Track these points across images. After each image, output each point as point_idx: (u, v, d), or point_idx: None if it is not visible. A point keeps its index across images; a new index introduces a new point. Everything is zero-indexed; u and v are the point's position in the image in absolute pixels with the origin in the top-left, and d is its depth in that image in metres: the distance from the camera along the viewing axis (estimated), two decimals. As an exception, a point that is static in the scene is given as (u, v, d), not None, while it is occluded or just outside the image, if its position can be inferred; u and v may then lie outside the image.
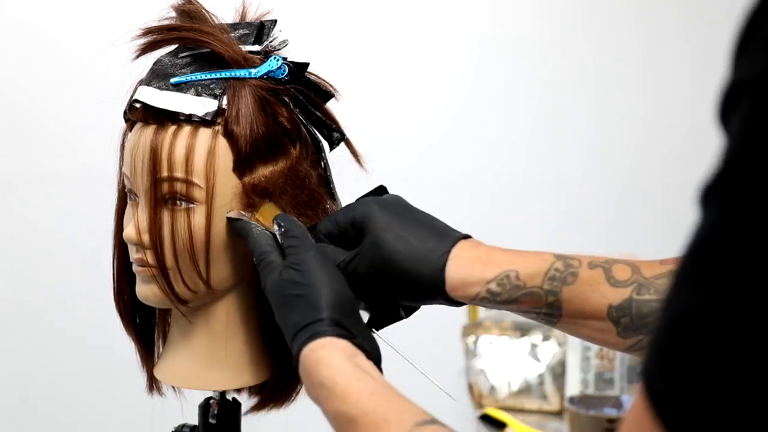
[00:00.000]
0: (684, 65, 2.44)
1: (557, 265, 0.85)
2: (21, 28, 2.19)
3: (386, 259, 0.86)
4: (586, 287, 0.83)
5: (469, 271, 0.85)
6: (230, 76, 0.92)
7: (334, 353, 0.79)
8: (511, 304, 0.85)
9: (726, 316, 0.42)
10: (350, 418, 0.74)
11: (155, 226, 0.91)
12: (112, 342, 1.16)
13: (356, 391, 0.75)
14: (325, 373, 0.77)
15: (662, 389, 0.44)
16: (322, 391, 0.77)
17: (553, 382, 1.84)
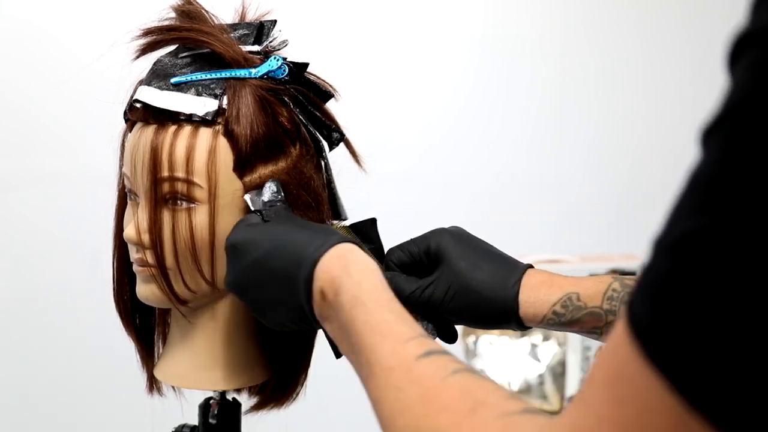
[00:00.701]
0: (684, 65, 2.44)
1: (614, 286, 0.92)
2: (21, 28, 2.19)
3: (464, 285, 0.93)
4: None
5: (537, 296, 0.92)
6: (230, 76, 0.92)
7: (369, 259, 0.82)
8: (574, 325, 0.92)
9: (730, 240, 0.43)
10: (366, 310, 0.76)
11: (155, 225, 0.91)
12: (112, 342, 1.16)
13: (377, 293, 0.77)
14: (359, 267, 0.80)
15: (646, 314, 0.45)
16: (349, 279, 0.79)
17: (553, 382, 1.84)
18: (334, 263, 0.81)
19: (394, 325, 0.74)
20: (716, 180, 0.44)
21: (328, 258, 0.82)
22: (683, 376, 0.44)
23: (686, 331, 0.44)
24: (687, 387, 0.44)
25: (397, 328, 0.73)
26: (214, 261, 0.92)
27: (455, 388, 0.65)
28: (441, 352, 0.70)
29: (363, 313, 0.76)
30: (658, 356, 0.45)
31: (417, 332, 0.73)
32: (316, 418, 1.70)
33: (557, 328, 0.93)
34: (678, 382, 0.44)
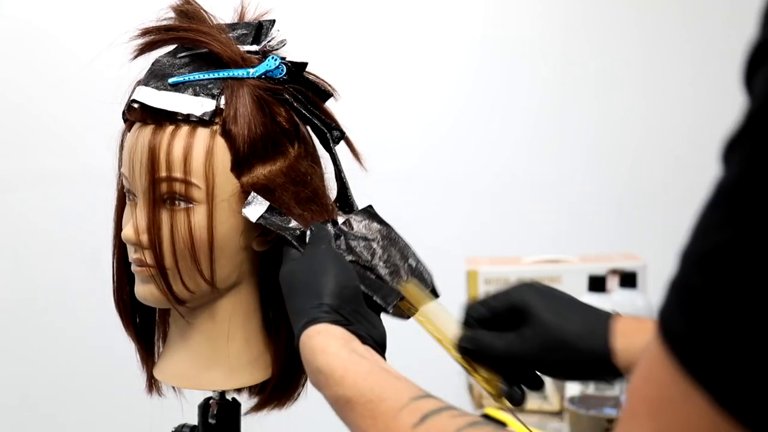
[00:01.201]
0: (685, 65, 2.44)
1: None
2: (21, 28, 2.19)
3: (557, 338, 0.88)
4: None
5: (631, 341, 0.87)
6: (228, 76, 0.92)
7: (330, 339, 0.81)
8: None
9: (756, 253, 0.42)
10: (347, 400, 0.75)
11: (153, 226, 0.91)
12: (112, 342, 1.16)
13: (352, 375, 0.76)
14: (321, 359, 0.79)
15: (683, 330, 0.44)
16: (321, 377, 0.79)
17: (553, 382, 1.84)
18: (306, 354, 0.81)
19: (379, 403, 0.72)
20: (738, 192, 0.44)
21: (304, 344, 0.82)
22: (727, 390, 0.43)
23: (727, 345, 0.43)
24: (735, 404, 0.43)
25: (383, 405, 0.72)
26: (212, 261, 0.92)
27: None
28: (437, 410, 0.68)
29: (347, 405, 0.75)
30: (701, 373, 0.43)
31: (405, 399, 0.71)
32: (316, 418, 1.69)
33: None
34: (721, 397, 0.43)
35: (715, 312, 0.43)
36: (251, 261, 0.96)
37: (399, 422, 0.69)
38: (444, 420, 0.67)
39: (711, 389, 0.43)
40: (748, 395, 0.42)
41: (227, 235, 0.92)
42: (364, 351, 0.81)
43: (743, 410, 0.42)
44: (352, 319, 0.83)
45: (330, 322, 0.82)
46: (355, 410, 0.74)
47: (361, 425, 0.72)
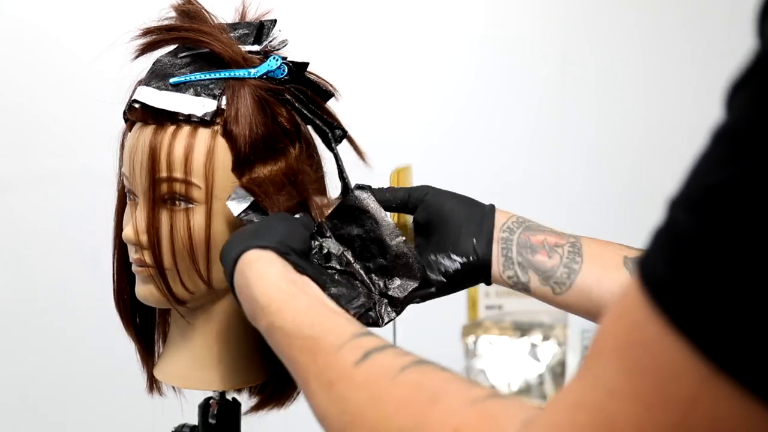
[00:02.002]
0: (685, 65, 2.44)
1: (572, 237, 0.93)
2: (21, 28, 2.19)
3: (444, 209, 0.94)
4: (603, 242, 0.92)
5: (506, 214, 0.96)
6: (229, 76, 0.92)
7: (268, 267, 0.79)
8: (539, 233, 0.91)
9: (761, 189, 0.40)
10: (285, 333, 0.73)
11: (153, 226, 0.91)
12: (112, 342, 1.16)
13: (292, 309, 0.74)
14: (258, 288, 0.77)
15: (665, 272, 0.42)
16: (257, 307, 0.77)
17: (553, 382, 1.84)
18: (241, 285, 0.80)
19: (320, 339, 0.70)
20: (746, 131, 0.41)
21: (237, 277, 0.81)
22: (708, 335, 0.41)
23: (714, 288, 0.41)
24: (713, 346, 0.41)
25: (324, 341, 0.69)
26: (211, 261, 0.92)
27: (407, 384, 0.61)
28: (380, 348, 0.66)
29: (285, 338, 0.73)
30: (680, 316, 0.41)
31: (347, 335, 0.69)
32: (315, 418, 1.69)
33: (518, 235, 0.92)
34: (702, 342, 0.41)
35: (705, 253, 0.41)
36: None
37: (340, 359, 0.67)
38: (388, 357, 0.65)
39: (691, 333, 0.41)
40: (734, 341, 0.40)
41: (227, 235, 0.92)
42: (303, 283, 0.79)
43: (725, 355, 0.41)
44: (295, 261, 0.81)
45: (269, 250, 0.81)
46: (293, 345, 0.71)
47: (299, 360, 0.70)
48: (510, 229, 0.93)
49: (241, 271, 0.80)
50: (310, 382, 0.68)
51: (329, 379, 0.66)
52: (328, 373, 0.67)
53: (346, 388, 0.65)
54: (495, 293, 2.04)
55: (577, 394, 0.46)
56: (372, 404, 0.62)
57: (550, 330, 1.87)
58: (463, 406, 0.56)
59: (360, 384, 0.64)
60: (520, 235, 0.92)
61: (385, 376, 0.63)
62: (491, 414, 0.54)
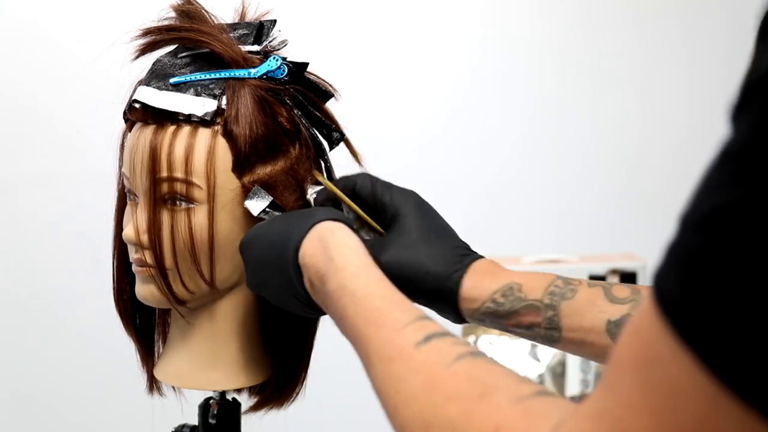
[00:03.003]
0: (684, 66, 2.44)
1: (558, 283, 0.88)
2: (23, 28, 2.19)
3: (413, 257, 0.90)
4: (585, 303, 0.86)
5: (480, 282, 0.89)
6: (229, 76, 0.92)
7: (349, 235, 0.81)
8: (512, 317, 0.88)
9: (764, 214, 0.41)
10: (354, 299, 0.74)
11: (154, 226, 0.91)
12: (112, 342, 1.16)
13: (365, 276, 0.76)
14: (339, 250, 0.79)
15: (676, 289, 0.43)
16: (331, 267, 0.78)
17: (553, 382, 1.84)
18: (315, 246, 0.80)
19: (387, 312, 0.71)
20: (749, 151, 0.42)
21: (308, 243, 0.81)
22: (717, 354, 0.41)
23: (720, 307, 0.41)
24: (720, 365, 0.41)
25: (391, 315, 0.71)
26: (212, 261, 0.92)
27: (461, 374, 0.62)
28: (441, 334, 0.68)
29: (352, 303, 0.74)
30: (689, 334, 0.42)
31: (413, 315, 0.70)
32: (316, 418, 1.69)
33: (493, 322, 0.89)
34: (711, 360, 0.42)
35: (713, 273, 0.42)
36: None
37: (403, 336, 0.68)
38: (447, 344, 0.66)
39: (700, 351, 0.42)
40: (740, 360, 0.41)
41: (228, 235, 0.92)
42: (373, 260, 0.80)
43: (732, 374, 0.41)
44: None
45: (346, 224, 0.82)
46: (359, 312, 0.72)
47: (362, 330, 0.71)
48: (480, 320, 0.90)
49: (320, 236, 0.81)
50: (371, 354, 0.70)
51: (389, 356, 0.68)
52: (389, 349, 0.68)
53: (404, 369, 0.66)
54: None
55: (600, 404, 0.48)
56: (425, 390, 0.63)
57: (550, 330, 1.88)
58: (508, 403, 0.57)
59: (417, 367, 0.65)
60: (491, 322, 0.90)
61: (441, 362, 0.64)
62: (532, 412, 0.56)
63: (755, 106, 0.43)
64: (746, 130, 0.43)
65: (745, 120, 0.43)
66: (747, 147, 0.42)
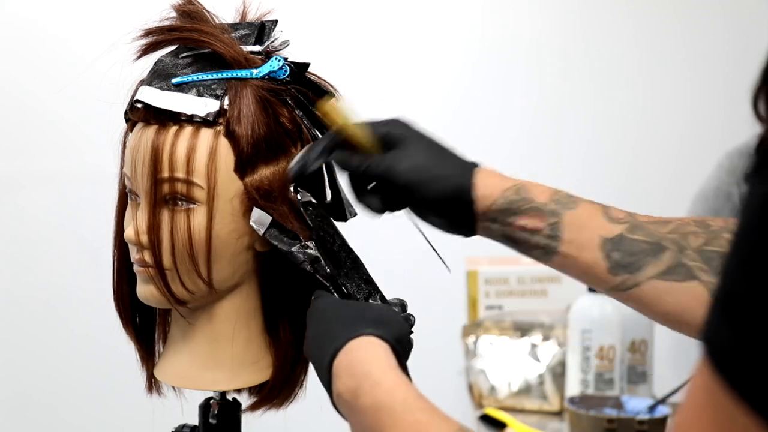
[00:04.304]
0: (684, 66, 2.44)
1: (561, 193, 0.92)
2: (25, 27, 2.19)
3: (423, 162, 0.92)
4: (585, 215, 0.90)
5: (491, 180, 0.92)
6: (232, 77, 0.92)
7: (381, 351, 0.80)
8: (521, 217, 0.90)
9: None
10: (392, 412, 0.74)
11: (155, 226, 0.91)
12: (112, 342, 1.16)
13: (403, 391, 0.76)
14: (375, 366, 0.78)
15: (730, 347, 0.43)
16: (368, 382, 0.77)
17: (553, 382, 1.84)
18: (351, 360, 0.79)
19: (427, 425, 0.71)
20: None
21: (343, 355, 0.80)
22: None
23: None
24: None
25: (432, 427, 0.71)
26: (211, 262, 0.92)
27: None
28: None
29: (389, 416, 0.73)
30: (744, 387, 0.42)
31: (454, 428, 0.71)
32: (316, 418, 1.69)
33: (499, 225, 0.91)
34: None
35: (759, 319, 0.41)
36: (253, 262, 0.95)
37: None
38: None
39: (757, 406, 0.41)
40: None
41: (229, 236, 0.92)
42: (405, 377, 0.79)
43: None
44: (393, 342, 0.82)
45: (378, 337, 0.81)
46: (397, 425, 0.72)
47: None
48: (491, 219, 0.92)
49: (360, 348, 0.80)
50: None
51: None
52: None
53: None
54: (495, 293, 2.04)
55: None
56: None
57: (550, 330, 1.87)
58: None
59: None
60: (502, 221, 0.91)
61: None
62: None
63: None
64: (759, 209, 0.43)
65: None
66: None
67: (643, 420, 1.58)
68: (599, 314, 1.76)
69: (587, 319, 1.77)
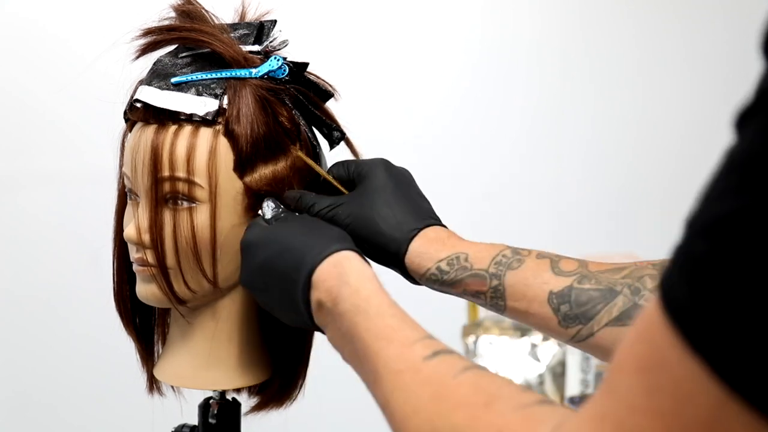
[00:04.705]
0: (684, 66, 2.44)
1: (506, 253, 0.90)
2: (23, 27, 2.19)
3: (367, 215, 0.92)
4: (529, 273, 0.88)
5: (427, 249, 0.91)
6: (231, 76, 0.92)
7: (365, 265, 0.83)
8: (457, 285, 0.90)
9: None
10: (367, 317, 0.76)
11: (156, 225, 0.91)
12: (112, 342, 1.16)
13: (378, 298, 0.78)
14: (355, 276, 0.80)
15: (683, 296, 0.44)
16: (347, 290, 0.80)
17: (553, 382, 1.84)
18: (331, 272, 0.82)
19: (398, 329, 0.74)
20: (755, 160, 0.43)
21: (324, 267, 0.82)
22: (724, 359, 0.42)
23: (727, 314, 0.42)
24: (727, 369, 0.42)
25: (401, 332, 0.74)
26: (215, 260, 0.92)
27: (467, 384, 0.66)
28: (448, 351, 0.71)
29: (365, 320, 0.76)
30: (697, 339, 0.43)
31: (422, 334, 0.73)
32: (316, 418, 1.70)
33: (438, 287, 0.91)
34: (718, 366, 0.42)
35: (719, 280, 0.43)
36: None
37: (412, 352, 0.71)
38: (454, 358, 0.69)
39: (707, 356, 0.43)
40: (746, 365, 0.42)
41: (230, 234, 0.92)
42: None
43: (738, 378, 0.42)
44: None
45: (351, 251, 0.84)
46: (370, 329, 0.75)
47: (372, 345, 0.74)
48: (428, 284, 0.93)
49: (336, 262, 0.82)
50: (379, 367, 0.72)
51: (398, 369, 0.71)
52: (398, 363, 0.71)
53: (411, 380, 0.69)
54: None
55: (601, 407, 0.48)
56: (433, 400, 0.66)
57: (550, 330, 1.87)
58: (511, 410, 0.61)
59: (425, 379, 0.68)
60: (439, 288, 0.92)
61: (448, 374, 0.67)
62: (533, 418, 0.59)
63: (762, 115, 0.43)
64: (751, 139, 0.44)
65: (753, 128, 0.44)
66: (751, 157, 0.43)
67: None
68: (599, 314, 1.76)
69: (587, 319, 1.76)
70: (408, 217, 0.92)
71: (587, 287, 0.86)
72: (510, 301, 0.89)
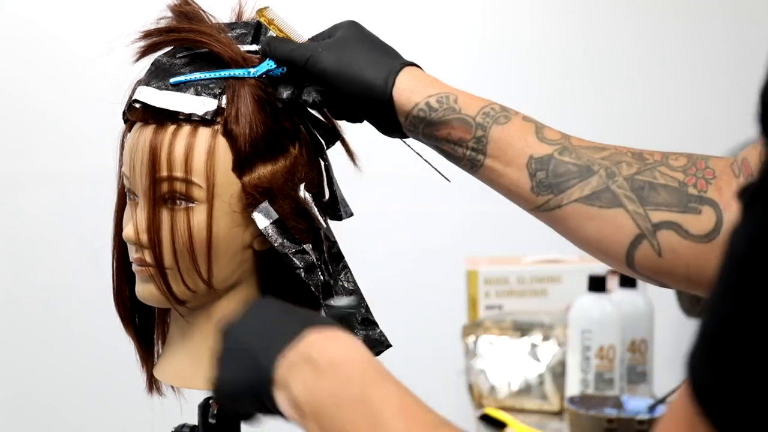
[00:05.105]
0: (684, 66, 2.44)
1: (494, 106, 0.90)
2: (23, 27, 2.19)
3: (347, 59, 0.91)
4: (514, 132, 0.88)
5: (416, 84, 0.90)
6: (229, 76, 0.92)
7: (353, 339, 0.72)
8: (442, 127, 0.89)
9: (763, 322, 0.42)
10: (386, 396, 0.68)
11: (154, 225, 0.91)
12: (112, 342, 1.16)
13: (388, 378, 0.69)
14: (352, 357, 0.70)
15: (710, 385, 0.44)
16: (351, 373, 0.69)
17: (553, 382, 1.84)
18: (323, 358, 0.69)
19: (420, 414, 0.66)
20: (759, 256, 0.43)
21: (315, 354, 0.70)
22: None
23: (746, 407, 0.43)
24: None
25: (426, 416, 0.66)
26: (211, 261, 0.92)
27: None
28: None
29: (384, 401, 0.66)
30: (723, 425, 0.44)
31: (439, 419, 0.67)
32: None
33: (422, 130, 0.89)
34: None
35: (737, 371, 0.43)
36: (252, 260, 0.96)
37: None
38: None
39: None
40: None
41: (228, 234, 0.92)
42: None
43: None
44: None
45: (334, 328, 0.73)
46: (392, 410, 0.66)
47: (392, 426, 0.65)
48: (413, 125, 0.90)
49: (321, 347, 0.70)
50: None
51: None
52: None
53: None
54: (495, 293, 2.04)
55: None
56: None
57: (550, 330, 1.87)
58: None
59: None
60: (424, 129, 0.90)
61: None
62: None
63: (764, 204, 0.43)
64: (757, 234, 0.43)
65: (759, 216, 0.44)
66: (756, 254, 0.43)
67: (643, 420, 1.58)
68: (599, 314, 1.76)
69: (587, 319, 1.76)
70: (386, 57, 0.91)
71: (566, 160, 0.86)
72: (490, 157, 0.88)
